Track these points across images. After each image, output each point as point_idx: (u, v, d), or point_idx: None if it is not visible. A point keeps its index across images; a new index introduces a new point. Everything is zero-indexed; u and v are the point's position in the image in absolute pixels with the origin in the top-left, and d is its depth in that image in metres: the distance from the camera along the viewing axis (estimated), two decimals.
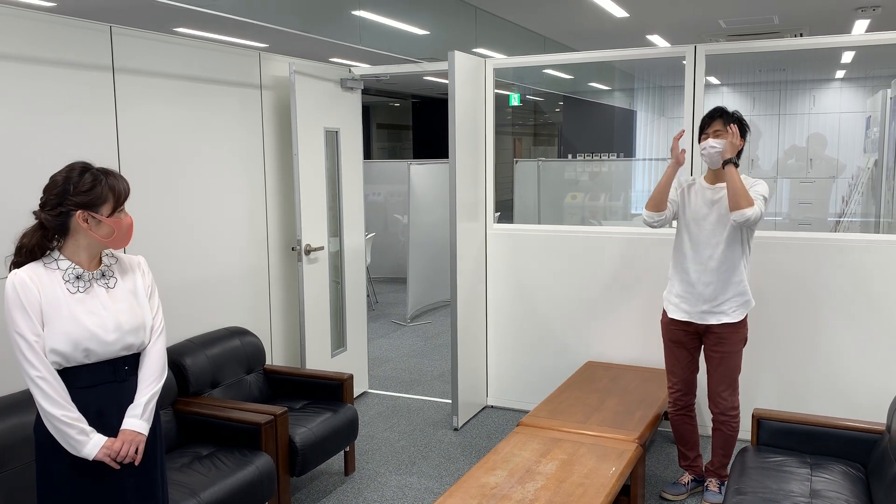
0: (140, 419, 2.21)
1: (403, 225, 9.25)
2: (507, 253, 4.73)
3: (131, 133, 3.45)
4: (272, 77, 4.35)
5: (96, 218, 2.14)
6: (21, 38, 2.96)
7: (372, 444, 4.28)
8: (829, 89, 12.40)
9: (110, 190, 2.15)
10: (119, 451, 2.15)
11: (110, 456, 2.14)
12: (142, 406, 2.22)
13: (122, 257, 2.32)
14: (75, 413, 2.11)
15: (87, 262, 2.19)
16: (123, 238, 2.21)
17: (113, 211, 2.17)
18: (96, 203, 2.13)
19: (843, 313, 3.97)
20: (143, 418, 2.22)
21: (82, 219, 2.12)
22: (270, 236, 4.40)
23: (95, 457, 2.12)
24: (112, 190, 2.16)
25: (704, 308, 3.37)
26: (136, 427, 2.20)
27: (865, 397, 3.98)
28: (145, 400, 2.23)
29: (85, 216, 2.13)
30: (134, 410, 2.21)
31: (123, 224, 2.19)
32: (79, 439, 2.10)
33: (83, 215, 2.12)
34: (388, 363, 5.93)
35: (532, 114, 18.79)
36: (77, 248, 2.17)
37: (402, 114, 17.62)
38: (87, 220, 2.13)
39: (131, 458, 2.18)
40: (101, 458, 2.13)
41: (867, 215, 8.08)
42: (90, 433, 2.12)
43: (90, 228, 2.14)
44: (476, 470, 2.98)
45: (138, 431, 2.20)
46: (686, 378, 3.52)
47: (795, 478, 2.88)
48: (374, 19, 6.77)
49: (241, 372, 3.79)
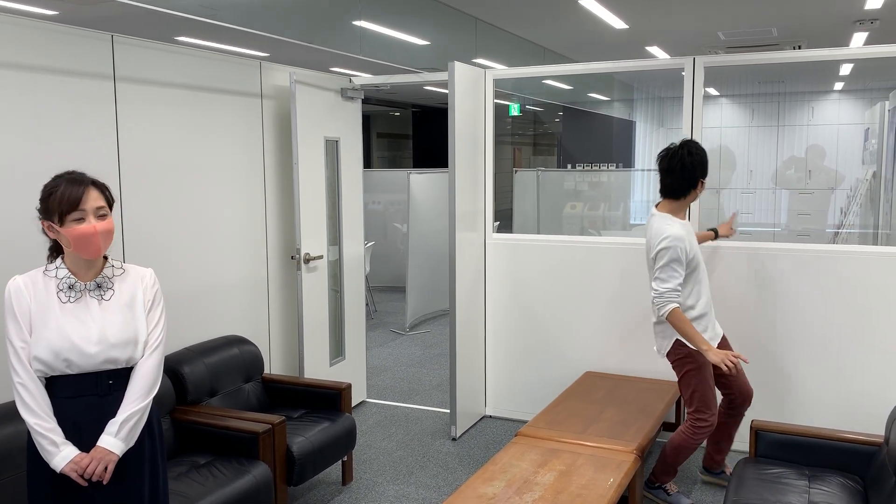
0: (114, 437, 2.13)
1: (403, 234, 9.26)
2: (506, 262, 4.73)
3: (132, 141, 3.46)
4: (273, 86, 4.37)
5: (54, 227, 2.12)
6: (24, 47, 2.97)
7: (370, 454, 4.28)
8: (827, 101, 12.44)
9: (59, 198, 2.09)
10: (86, 468, 2.09)
11: (77, 472, 2.08)
12: (118, 424, 2.13)
13: (130, 269, 2.27)
14: (49, 423, 2.08)
15: (84, 272, 2.18)
16: (85, 247, 2.11)
17: (62, 219, 2.09)
18: (50, 211, 2.11)
19: (841, 325, 3.98)
20: (119, 437, 2.13)
21: (46, 227, 2.14)
22: (270, 245, 4.41)
23: (62, 470, 2.07)
24: (60, 198, 2.09)
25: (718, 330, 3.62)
26: (108, 445, 2.12)
27: (863, 409, 3.98)
28: (124, 418, 2.14)
29: (47, 225, 2.13)
30: (110, 428, 2.13)
31: (76, 233, 2.09)
32: (49, 450, 2.08)
33: (45, 224, 2.14)
34: (387, 372, 5.92)
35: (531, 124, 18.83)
36: (73, 257, 2.17)
37: (402, 123, 17.67)
38: (49, 228, 2.14)
39: (99, 476, 2.11)
40: (68, 473, 2.07)
41: (866, 227, 8.09)
42: (61, 445, 2.08)
43: (57, 237, 2.14)
44: (474, 480, 2.98)
45: (110, 450, 2.12)
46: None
47: (793, 490, 2.88)
48: (375, 30, 6.79)
49: (239, 380, 3.79)
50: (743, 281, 4.14)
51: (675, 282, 3.25)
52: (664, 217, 3.38)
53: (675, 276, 3.25)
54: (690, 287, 3.43)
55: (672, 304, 3.25)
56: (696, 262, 3.41)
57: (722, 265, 4.18)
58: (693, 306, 3.44)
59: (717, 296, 4.19)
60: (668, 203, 3.43)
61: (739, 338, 4.18)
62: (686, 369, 3.42)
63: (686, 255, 3.31)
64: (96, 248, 2.13)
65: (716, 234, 3.99)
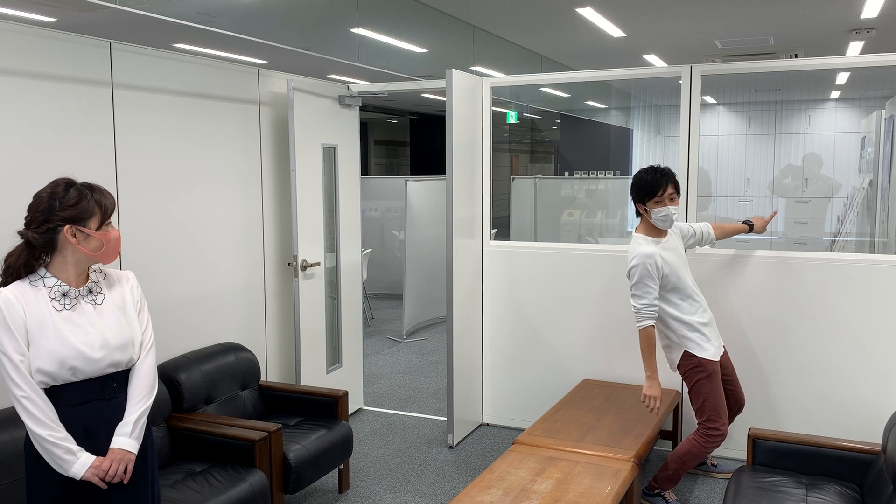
0: (129, 437, 2.18)
1: (400, 241, 9.26)
2: (504, 270, 4.73)
3: (129, 148, 3.46)
4: (271, 93, 4.37)
5: (84, 232, 2.13)
6: (21, 53, 2.97)
7: (366, 462, 4.26)
8: (824, 109, 12.48)
9: (97, 204, 2.15)
10: (107, 471, 2.12)
11: (98, 475, 2.11)
12: (131, 424, 2.19)
13: (111, 272, 2.30)
14: (62, 433, 2.08)
15: (74, 279, 2.18)
16: (112, 252, 2.21)
17: (100, 225, 2.16)
18: (83, 217, 2.13)
19: (838, 333, 3.98)
20: (133, 436, 2.19)
21: (70, 234, 2.12)
22: (267, 252, 4.40)
23: (83, 476, 2.09)
24: (98, 204, 2.16)
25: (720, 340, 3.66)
26: (125, 446, 2.17)
27: (861, 417, 3.98)
28: (135, 418, 2.20)
29: (73, 231, 2.12)
30: (123, 429, 2.18)
31: (111, 237, 2.19)
32: (66, 458, 2.08)
33: (71, 230, 2.12)
34: (384, 380, 5.91)
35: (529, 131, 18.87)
36: (64, 265, 2.16)
37: (399, 130, 17.69)
38: (75, 234, 2.13)
39: (119, 477, 2.15)
40: (89, 478, 2.10)
41: (862, 235, 8.11)
42: (78, 452, 2.10)
43: (78, 243, 2.13)
44: (471, 489, 2.96)
45: (127, 450, 2.17)
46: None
47: (791, 498, 2.87)
48: (373, 37, 6.81)
49: (235, 388, 3.78)
50: (739, 289, 4.14)
51: (650, 297, 3.38)
52: (636, 238, 3.53)
53: (649, 292, 3.38)
54: (681, 300, 3.46)
55: (648, 322, 3.39)
56: (677, 276, 3.47)
57: (718, 273, 4.18)
58: (690, 320, 3.46)
59: (714, 304, 4.19)
60: (641, 223, 3.58)
61: (735, 346, 4.18)
62: (696, 379, 3.45)
63: (658, 270, 3.41)
64: (118, 253, 2.24)
65: (751, 227, 3.98)
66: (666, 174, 3.46)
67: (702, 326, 3.48)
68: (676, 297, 3.48)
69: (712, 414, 3.43)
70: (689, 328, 3.47)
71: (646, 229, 3.54)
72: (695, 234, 3.80)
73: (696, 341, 3.46)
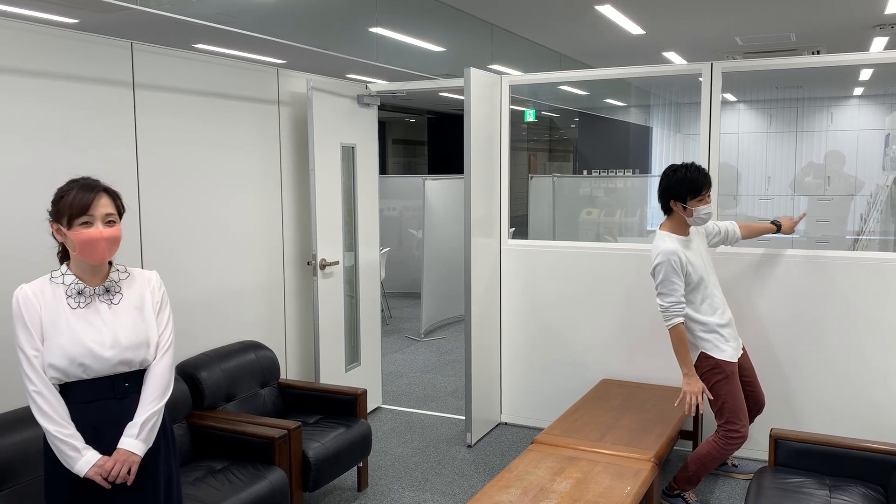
0: (136, 439, 2.16)
1: (418, 240, 9.26)
2: (522, 269, 4.72)
3: (150, 148, 3.49)
4: (290, 93, 4.39)
5: (62, 231, 2.15)
6: (45, 54, 3.01)
7: (385, 460, 4.27)
8: (847, 106, 12.33)
9: (68, 203, 2.13)
10: (110, 471, 2.12)
11: (101, 475, 2.10)
12: (138, 426, 2.17)
13: (135, 272, 2.30)
14: (69, 429, 2.09)
15: (90, 277, 2.20)
16: (90, 252, 2.13)
17: (70, 223, 2.12)
18: (60, 214, 2.14)
19: (861, 332, 3.93)
20: (140, 438, 2.17)
21: (55, 230, 2.17)
22: (286, 251, 4.42)
23: (86, 474, 2.09)
24: (69, 203, 2.12)
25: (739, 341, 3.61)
26: (130, 447, 2.15)
27: (885, 418, 3.93)
28: (143, 419, 2.18)
29: (56, 227, 2.16)
30: (131, 430, 2.17)
31: (82, 238, 2.11)
32: (71, 455, 2.09)
33: (54, 226, 2.16)
34: (402, 378, 5.92)
35: (547, 130, 18.81)
36: (78, 262, 2.19)
37: (417, 129, 17.70)
38: (58, 231, 2.17)
39: (123, 478, 2.13)
40: (92, 477, 2.10)
41: (886, 233, 8.00)
42: (83, 450, 2.10)
43: (64, 241, 2.17)
44: (489, 488, 2.96)
45: (132, 452, 2.15)
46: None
47: (814, 500, 2.84)
48: (391, 36, 6.82)
49: (255, 386, 3.80)
50: (760, 288, 4.10)
51: (676, 294, 3.34)
52: (660, 235, 3.48)
53: (675, 290, 3.35)
54: (700, 301, 3.43)
55: (677, 319, 3.34)
56: (699, 274, 3.43)
57: (738, 273, 4.14)
58: (709, 321, 3.43)
59: (734, 303, 4.16)
60: (666, 221, 3.53)
61: (756, 346, 4.14)
62: (714, 380, 3.42)
63: (682, 266, 3.37)
64: (101, 254, 2.16)
65: (778, 227, 3.91)
66: (707, 172, 3.44)
67: (719, 328, 3.45)
68: (696, 297, 3.44)
69: (732, 416, 3.40)
70: (706, 329, 3.43)
71: (672, 227, 3.49)
72: (719, 232, 3.77)
73: (714, 342, 3.43)
